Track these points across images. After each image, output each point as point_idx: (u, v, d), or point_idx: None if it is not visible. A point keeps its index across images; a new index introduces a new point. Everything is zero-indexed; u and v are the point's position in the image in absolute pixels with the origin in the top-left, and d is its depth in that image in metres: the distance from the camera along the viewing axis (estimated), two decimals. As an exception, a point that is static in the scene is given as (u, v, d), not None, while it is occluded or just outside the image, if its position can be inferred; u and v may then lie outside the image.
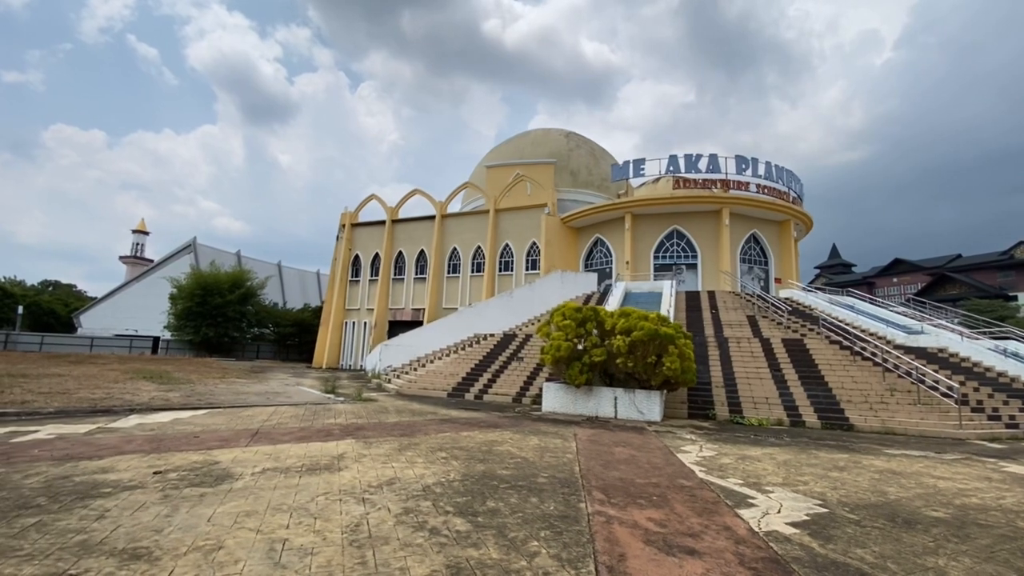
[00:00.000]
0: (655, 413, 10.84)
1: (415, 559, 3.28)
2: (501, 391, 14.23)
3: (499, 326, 21.16)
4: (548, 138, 46.48)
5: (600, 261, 29.68)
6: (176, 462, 5.72)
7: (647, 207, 27.08)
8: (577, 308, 11.94)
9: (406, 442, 7.55)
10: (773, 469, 6.66)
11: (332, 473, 5.55)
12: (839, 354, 13.62)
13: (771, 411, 11.33)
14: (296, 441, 7.27)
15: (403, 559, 3.28)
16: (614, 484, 5.55)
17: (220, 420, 8.92)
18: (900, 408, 10.84)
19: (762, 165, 26.82)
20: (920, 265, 75.37)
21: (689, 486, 5.64)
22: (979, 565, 3.63)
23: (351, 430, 8.46)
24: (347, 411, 10.86)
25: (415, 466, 5.99)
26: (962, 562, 3.68)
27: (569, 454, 7.08)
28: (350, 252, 37.17)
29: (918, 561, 3.66)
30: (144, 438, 7.05)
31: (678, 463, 6.82)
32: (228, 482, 5.02)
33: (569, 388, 11.65)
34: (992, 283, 65.62)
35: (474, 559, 3.34)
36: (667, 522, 4.34)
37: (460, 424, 9.65)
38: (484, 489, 5.12)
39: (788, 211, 27.06)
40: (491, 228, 32.22)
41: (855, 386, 11.91)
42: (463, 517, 4.23)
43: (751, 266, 27.24)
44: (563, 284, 23.86)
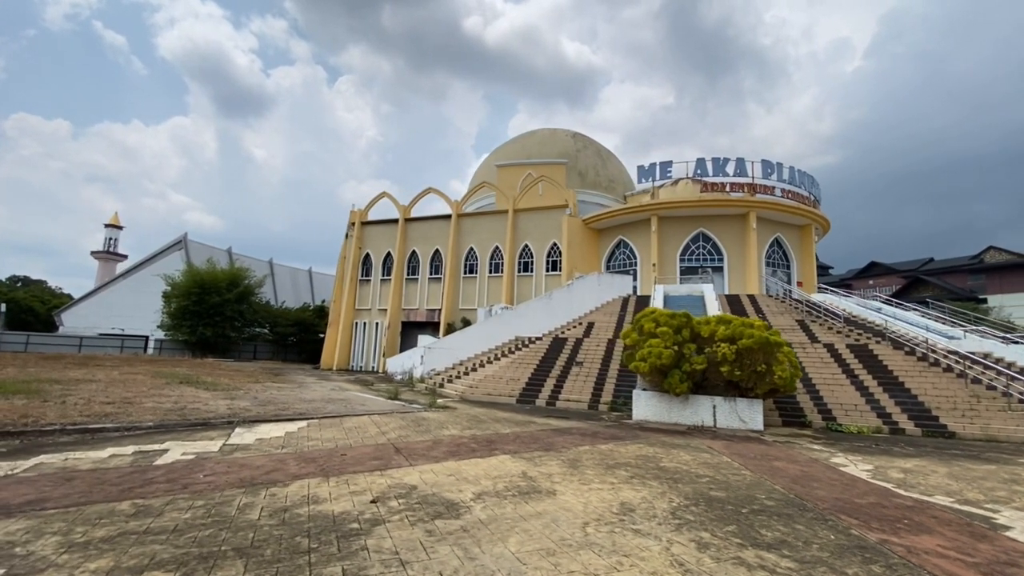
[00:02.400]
0: (757, 422, 10.72)
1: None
2: (572, 397, 13.93)
3: (539, 328, 20.83)
4: (555, 138, 46.31)
5: (623, 263, 29.63)
6: (370, 487, 5.24)
7: (674, 209, 27.13)
8: (671, 314, 11.72)
9: (563, 458, 7.18)
10: (953, 483, 6.56)
11: (552, 497, 5.17)
12: (909, 360, 13.82)
13: (864, 418, 11.36)
14: (454, 458, 6.83)
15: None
16: (844, 507, 5.32)
17: (336, 433, 8.36)
18: (993, 416, 11.01)
19: (786, 170, 27.20)
20: (895, 268, 78.25)
21: (913, 506, 5.46)
22: None
23: (487, 443, 8.02)
24: (444, 420, 10.39)
25: (620, 489, 5.65)
26: None
27: (745, 471, 6.84)
28: (360, 251, 36.19)
29: None
30: (292, 457, 6.50)
31: (861, 479, 6.65)
32: (463, 512, 4.60)
33: (664, 396, 11.44)
34: (963, 286, 68.54)
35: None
36: (964, 549, 4.13)
37: (577, 435, 9.31)
38: (729, 515, 4.82)
39: (810, 215, 27.53)
40: (510, 229, 31.81)
41: (938, 392, 12.07)
42: (760, 549, 3.94)
43: (775, 269, 27.61)
44: (600, 286, 23.68)
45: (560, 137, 46.48)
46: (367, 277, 35.92)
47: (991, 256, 77.29)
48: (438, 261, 34.20)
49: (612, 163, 46.73)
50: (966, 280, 72.82)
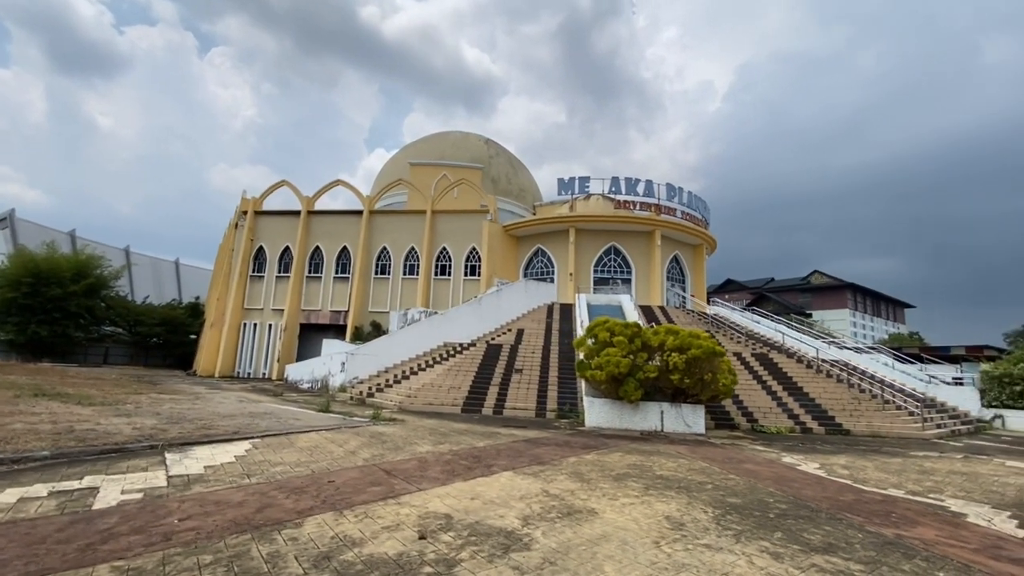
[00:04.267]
0: (700, 426, 11.59)
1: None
2: (518, 405, 13.82)
3: (468, 334, 20.39)
4: (467, 142, 46.23)
5: (541, 271, 30.37)
6: (399, 520, 4.60)
7: (591, 223, 28.53)
8: (625, 324, 12.20)
9: (564, 472, 7.02)
10: (887, 476, 7.68)
11: (597, 516, 4.99)
12: (801, 367, 16.04)
13: (779, 420, 12.89)
14: (458, 478, 6.30)
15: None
16: (840, 506, 5.90)
17: (296, 456, 7.26)
18: (872, 415, 13.21)
19: (686, 194, 30.14)
20: (745, 285, 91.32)
21: (884, 500, 6.24)
22: None
23: (474, 459, 7.55)
24: (406, 435, 9.61)
25: (649, 502, 5.65)
26: None
27: (732, 475, 7.28)
28: (252, 243, 32.41)
29: None
30: (272, 488, 5.47)
31: (824, 477, 7.47)
32: (529, 541, 4.23)
33: (616, 403, 11.83)
34: (795, 302, 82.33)
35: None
36: (956, 537, 4.82)
37: (552, 445, 9.21)
38: (765, 522, 5.07)
39: (703, 236, 30.82)
40: (428, 230, 30.88)
41: (829, 396, 14.16)
42: (823, 554, 4.18)
43: (673, 283, 30.35)
44: (527, 293, 23.91)
45: (473, 142, 46.47)
46: (259, 273, 32.31)
47: (816, 279, 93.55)
48: (346, 259, 31.97)
49: (523, 172, 47.86)
50: (798, 298, 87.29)
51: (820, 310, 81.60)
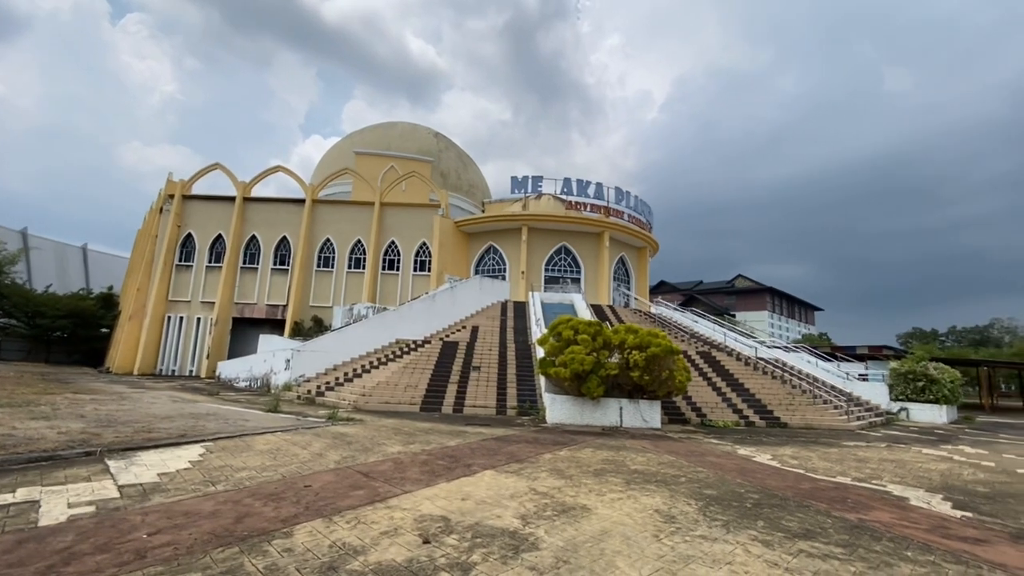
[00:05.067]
0: (656, 421, 12.06)
1: None
2: (479, 403, 13.70)
3: (421, 331, 19.94)
4: (416, 134, 45.30)
5: (492, 268, 30.31)
6: (394, 524, 4.41)
7: (543, 222, 28.85)
8: (588, 323, 12.42)
9: (543, 469, 7.04)
10: (831, 465, 8.37)
11: (592, 512, 5.03)
12: (740, 365, 17.13)
13: (725, 414, 13.68)
14: (441, 479, 6.13)
15: None
16: (803, 494, 6.34)
17: (259, 460, 6.76)
18: (806, 408, 14.35)
19: (633, 198, 31.26)
20: (677, 287, 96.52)
21: (837, 487, 6.79)
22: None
23: (450, 459, 7.39)
24: (371, 436, 9.22)
25: (635, 496, 5.78)
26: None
27: (700, 468, 7.61)
28: (179, 229, 29.86)
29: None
30: (245, 495, 5.05)
31: (780, 468, 8.00)
32: (536, 540, 4.19)
33: (577, 400, 12.04)
34: (721, 304, 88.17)
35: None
36: (907, 519, 5.34)
37: (523, 443, 9.20)
38: (745, 512, 5.35)
39: (648, 239, 32.11)
40: (376, 222, 29.89)
41: (767, 392, 15.23)
42: (806, 540, 4.47)
43: (618, 284, 31.39)
44: (481, 290, 23.73)
45: (422, 134, 45.58)
46: (187, 262, 29.85)
47: (740, 282, 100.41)
48: (285, 250, 30.28)
49: (472, 168, 47.55)
50: (723, 299, 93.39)
51: (743, 311, 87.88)
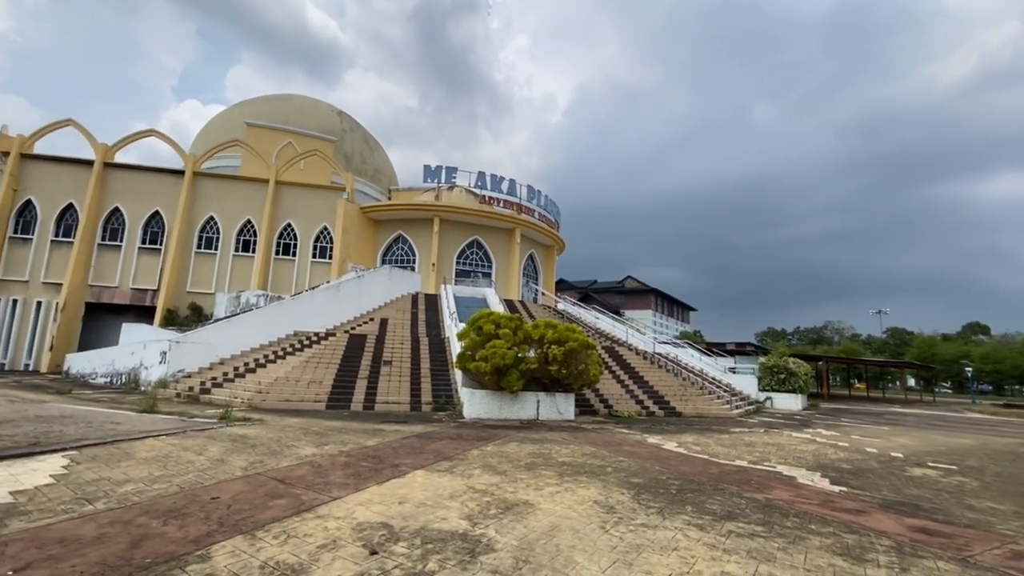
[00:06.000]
0: (570, 413, 12.47)
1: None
2: (391, 399, 13.07)
3: (325, 322, 18.53)
4: (317, 111, 42.30)
5: (401, 259, 29.22)
6: (332, 536, 4.00)
7: (457, 214, 28.43)
8: (509, 317, 12.42)
9: (475, 466, 6.88)
10: (727, 450, 9.28)
11: (536, 507, 5.00)
12: (641, 359, 18.38)
13: (629, 405, 14.57)
14: (371, 482, 5.70)
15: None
16: (715, 478, 6.92)
17: (144, 469, 5.74)
18: (697, 399, 15.80)
19: (544, 197, 32.08)
20: (574, 285, 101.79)
21: (740, 470, 7.53)
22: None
23: (374, 459, 6.91)
24: (277, 438, 8.33)
25: (572, 489, 5.87)
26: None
27: (620, 458, 7.97)
28: (15, 195, 24.62)
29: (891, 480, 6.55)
30: (136, 512, 4.24)
31: (688, 454, 8.67)
32: (490, 541, 4.05)
33: (496, 394, 12.02)
34: (612, 302, 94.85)
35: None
36: (802, 496, 6.09)
37: (446, 439, 8.93)
38: (672, 498, 5.70)
39: (556, 238, 33.19)
40: (270, 202, 27.29)
41: (664, 384, 16.52)
42: (732, 521, 4.89)
43: (527, 280, 32.06)
44: (391, 281, 22.64)
45: (324, 111, 42.65)
46: (25, 235, 24.82)
47: (629, 283, 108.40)
48: (157, 227, 26.47)
49: (379, 153, 45.55)
50: (614, 298, 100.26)
51: (630, 310, 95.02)
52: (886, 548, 4.28)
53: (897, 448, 10.65)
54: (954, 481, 7.36)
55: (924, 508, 5.72)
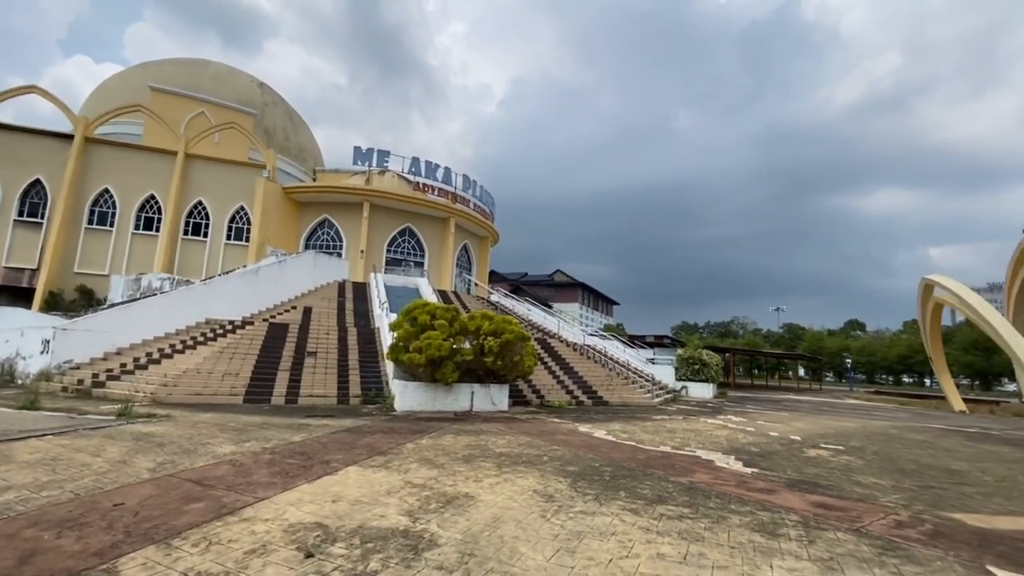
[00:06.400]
0: (504, 404, 12.56)
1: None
2: (316, 392, 12.42)
3: (240, 309, 17.14)
4: (236, 80, 39.07)
5: (326, 244, 27.76)
6: (262, 540, 3.75)
7: (388, 200, 27.44)
8: (445, 308, 12.21)
9: (410, 460, 6.73)
10: (651, 436, 9.82)
11: (477, 500, 5.00)
12: (571, 351, 18.91)
13: (560, 395, 14.95)
14: (301, 480, 5.39)
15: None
16: (643, 463, 7.29)
17: (29, 474, 5.01)
18: (622, 388, 16.54)
19: (479, 187, 31.86)
20: (505, 277, 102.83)
21: (664, 455, 7.99)
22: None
23: (302, 456, 6.53)
24: (189, 435, 7.60)
25: (511, 479, 5.92)
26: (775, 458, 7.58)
27: (555, 447, 8.15)
28: None
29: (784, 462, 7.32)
30: (32, 524, 3.69)
31: (618, 441, 9.05)
32: (435, 537, 3.99)
33: (430, 386, 11.80)
34: (542, 295, 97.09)
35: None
36: (721, 479, 6.60)
37: (378, 433, 8.65)
38: (606, 484, 5.93)
39: (490, 230, 33.15)
40: (178, 177, 24.79)
41: (592, 374, 17.12)
42: (662, 504, 5.19)
43: (461, 271, 31.77)
44: (316, 267, 21.36)
45: (243, 81, 39.48)
46: None
47: (558, 276, 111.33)
48: (38, 198, 23.16)
49: (303, 130, 43.04)
50: (544, 291, 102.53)
51: (559, 302, 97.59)
52: (795, 523, 4.72)
53: (795, 432, 11.84)
54: (843, 460, 8.31)
55: (822, 485, 6.40)
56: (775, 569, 3.60)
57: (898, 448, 10.05)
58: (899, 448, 10.06)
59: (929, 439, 11.84)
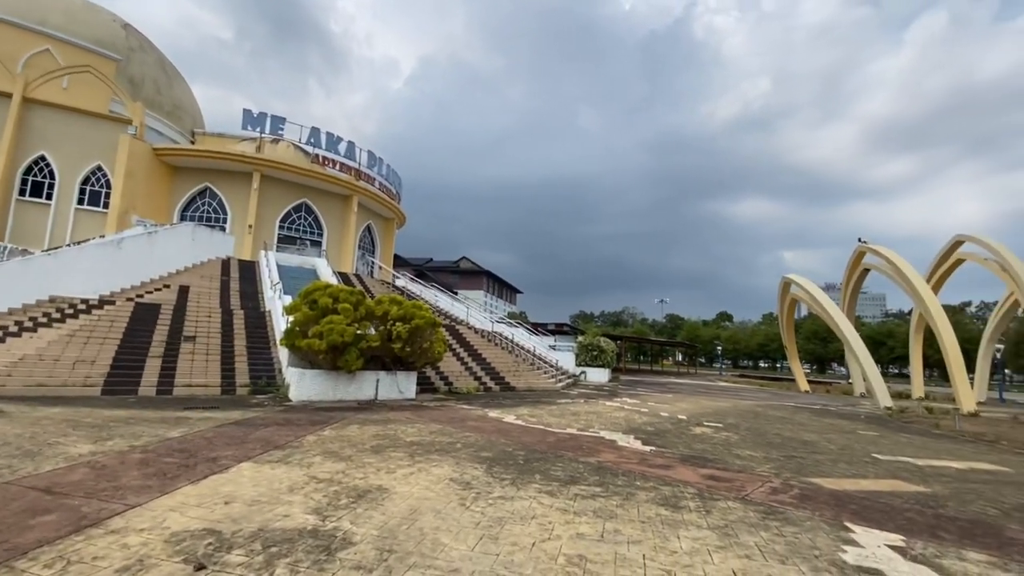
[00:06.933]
0: (411, 391, 12.20)
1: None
2: (196, 382, 11.03)
3: (98, 286, 14.54)
4: (94, 17, 33.19)
5: (207, 216, 24.69)
6: (133, 555, 3.24)
7: (283, 172, 25.06)
8: (350, 291, 11.45)
9: (313, 453, 6.24)
10: (558, 420, 10.17)
11: (392, 492, 4.77)
12: (479, 337, 18.91)
13: (468, 382, 14.89)
14: (183, 481, 4.72)
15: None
16: (554, 446, 7.50)
17: None
18: (528, 374, 16.92)
19: (385, 166, 30.39)
20: (409, 261, 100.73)
21: (571, 437, 8.30)
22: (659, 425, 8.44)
23: (184, 454, 5.72)
24: (28, 435, 6.28)
25: (425, 468, 5.74)
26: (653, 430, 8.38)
27: (467, 433, 8.06)
28: None
29: (674, 440, 8.08)
30: None
31: (527, 425, 9.21)
32: (349, 535, 3.73)
33: (331, 374, 11.06)
34: (447, 281, 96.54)
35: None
36: (622, 456, 7.03)
37: (273, 426, 7.90)
38: (521, 467, 6.01)
39: (396, 211, 31.85)
40: (13, 124, 20.53)
41: (500, 360, 17.29)
42: (577, 485, 5.40)
43: (363, 253, 30.18)
44: (195, 241, 18.81)
45: (105, 19, 33.64)
46: None
47: (463, 264, 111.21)
48: None
49: (180, 85, 37.91)
50: (449, 278, 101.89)
51: (464, 289, 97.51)
52: (692, 495, 5.15)
53: (681, 412, 13.02)
54: (723, 436, 9.29)
55: (709, 459, 7.08)
56: (682, 539, 3.87)
57: (764, 424, 11.50)
58: (765, 424, 11.51)
59: (786, 415, 13.72)
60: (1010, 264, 19.32)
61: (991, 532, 4.44)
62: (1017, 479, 6.93)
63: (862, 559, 3.65)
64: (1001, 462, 8.31)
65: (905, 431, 11.96)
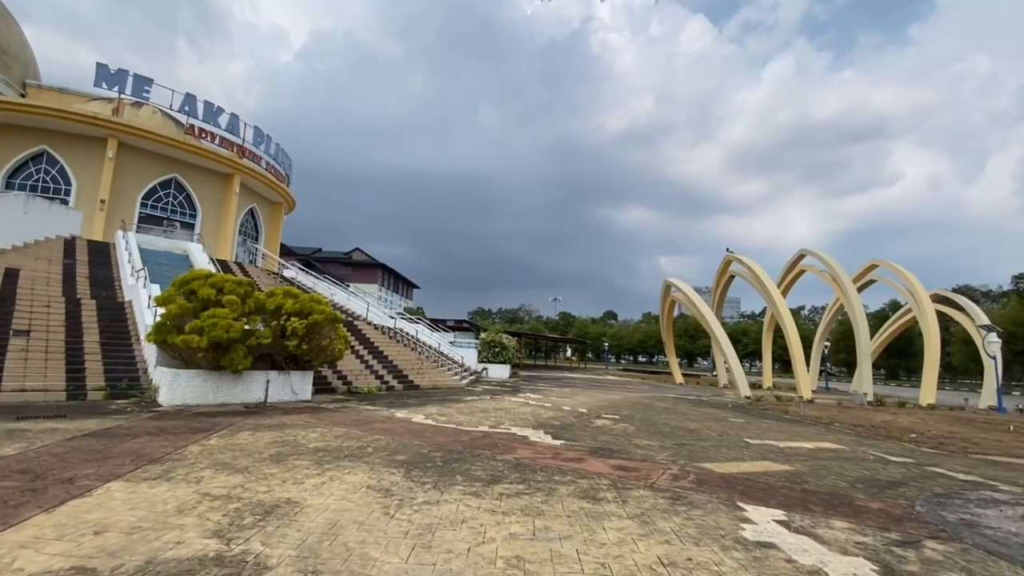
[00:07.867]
0: (307, 392, 11.27)
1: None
2: (31, 385, 9.06)
3: None
4: None
5: (44, 186, 20.42)
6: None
7: (147, 140, 21.57)
8: (238, 281, 10.21)
9: (201, 467, 5.47)
10: (467, 417, 10.11)
11: (305, 505, 4.36)
12: (380, 334, 18.08)
13: (369, 381, 14.16)
14: (26, 511, 3.86)
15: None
16: (470, 445, 7.42)
17: None
18: (432, 372, 16.55)
19: (274, 145, 27.70)
20: (295, 251, 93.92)
21: (485, 435, 8.29)
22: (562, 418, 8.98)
23: (24, 475, 4.66)
24: None
25: (339, 477, 5.34)
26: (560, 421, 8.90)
27: (376, 435, 7.65)
28: None
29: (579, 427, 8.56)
30: None
31: (439, 425, 9.00)
32: (265, 559, 3.35)
33: (211, 374, 9.79)
34: (338, 273, 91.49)
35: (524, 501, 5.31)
36: (539, 452, 7.21)
37: (144, 436, 6.78)
38: (440, 470, 5.86)
39: (285, 195, 29.20)
40: None
41: (403, 358, 16.69)
42: (498, 484, 5.44)
43: (245, 239, 27.23)
44: (28, 215, 15.36)
45: None
46: None
47: (356, 255, 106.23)
48: None
49: (11, 27, 31.33)
50: (340, 270, 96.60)
51: (357, 283, 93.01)
52: (607, 486, 5.42)
53: (580, 405, 13.70)
54: (621, 427, 9.94)
55: (615, 450, 7.52)
56: (607, 531, 4.04)
57: (653, 415, 12.53)
58: (654, 414, 12.55)
59: (670, 406, 15.11)
60: (838, 275, 23.31)
61: (845, 502, 5.28)
62: (852, 456, 8.35)
63: (758, 535, 4.11)
64: (838, 440, 9.97)
65: (764, 417, 13.83)
